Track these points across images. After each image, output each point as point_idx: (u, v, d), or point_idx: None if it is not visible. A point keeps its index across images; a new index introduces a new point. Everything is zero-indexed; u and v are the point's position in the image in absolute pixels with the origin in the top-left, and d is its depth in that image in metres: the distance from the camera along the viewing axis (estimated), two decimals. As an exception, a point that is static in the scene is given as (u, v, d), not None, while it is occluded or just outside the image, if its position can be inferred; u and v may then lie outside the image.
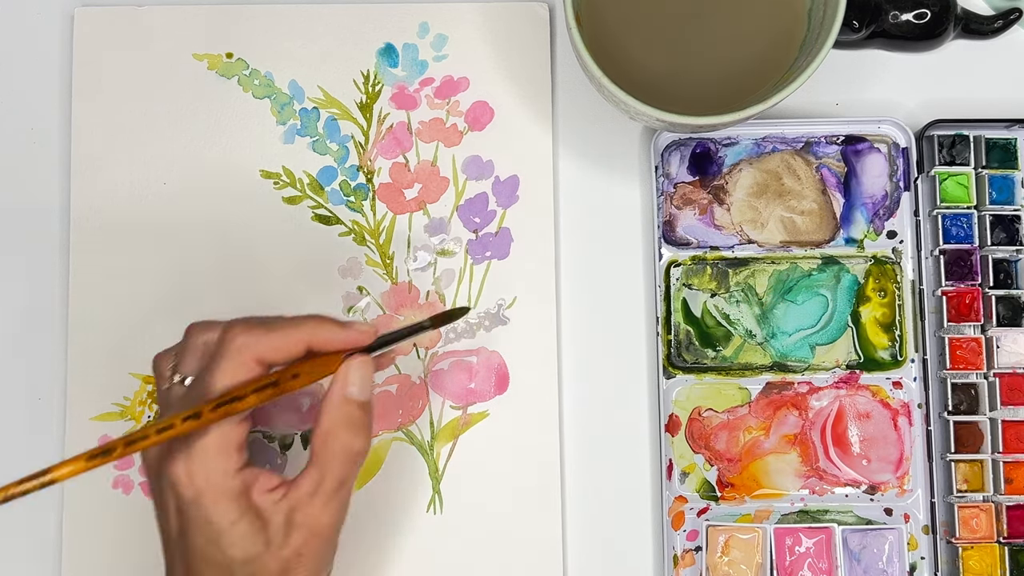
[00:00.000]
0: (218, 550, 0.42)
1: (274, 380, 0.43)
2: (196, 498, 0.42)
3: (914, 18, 0.56)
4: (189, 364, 0.45)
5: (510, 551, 0.54)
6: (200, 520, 0.42)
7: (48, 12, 0.58)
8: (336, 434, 0.44)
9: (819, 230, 0.56)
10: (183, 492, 0.42)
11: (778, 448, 0.55)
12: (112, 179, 0.56)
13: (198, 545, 0.42)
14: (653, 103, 0.48)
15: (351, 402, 0.44)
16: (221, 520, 0.42)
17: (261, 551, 0.42)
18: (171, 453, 0.43)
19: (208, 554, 0.42)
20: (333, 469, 0.43)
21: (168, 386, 0.46)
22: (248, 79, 0.57)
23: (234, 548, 0.42)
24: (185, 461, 0.42)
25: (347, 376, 0.44)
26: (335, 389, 0.44)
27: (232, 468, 0.42)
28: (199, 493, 0.42)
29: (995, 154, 0.56)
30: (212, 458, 0.42)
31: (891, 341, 0.56)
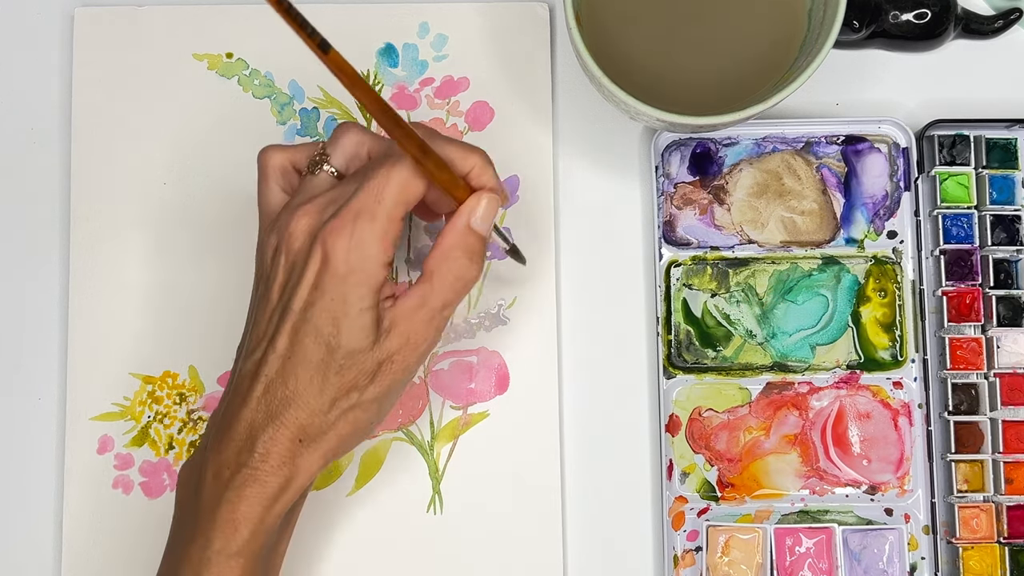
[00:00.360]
0: (336, 332, 0.44)
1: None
2: (346, 275, 0.43)
3: (914, 18, 0.56)
4: (338, 158, 0.47)
5: (510, 551, 0.54)
6: (336, 298, 0.44)
7: (48, 12, 0.58)
8: (454, 257, 0.45)
9: (819, 230, 0.56)
10: (336, 265, 0.43)
11: (778, 448, 0.55)
12: (112, 179, 0.56)
13: (318, 321, 0.44)
14: (653, 103, 0.48)
15: (473, 232, 0.45)
16: (355, 304, 0.44)
17: (366, 347, 0.44)
18: (335, 227, 0.43)
19: (324, 334, 0.44)
20: (442, 289, 0.45)
21: (311, 173, 0.47)
22: (248, 79, 0.57)
23: (350, 335, 0.44)
24: (349, 239, 0.43)
25: (476, 206, 0.45)
26: (462, 216, 0.45)
27: (384, 260, 0.44)
28: (350, 271, 0.43)
29: (995, 154, 0.56)
30: (373, 243, 0.43)
31: (891, 341, 0.56)
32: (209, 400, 0.55)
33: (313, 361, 0.44)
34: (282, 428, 0.44)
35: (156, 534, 0.54)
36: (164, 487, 0.55)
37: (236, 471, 0.44)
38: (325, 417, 0.45)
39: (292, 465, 0.45)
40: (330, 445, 0.45)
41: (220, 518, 0.44)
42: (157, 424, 0.55)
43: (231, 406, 0.45)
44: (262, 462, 0.44)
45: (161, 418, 0.55)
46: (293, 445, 0.44)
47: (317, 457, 0.45)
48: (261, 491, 0.44)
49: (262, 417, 0.44)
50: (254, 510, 0.44)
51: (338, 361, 0.44)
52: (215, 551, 0.44)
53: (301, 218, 0.45)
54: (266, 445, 0.44)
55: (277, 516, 0.45)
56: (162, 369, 0.56)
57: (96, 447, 0.55)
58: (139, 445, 0.55)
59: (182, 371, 0.56)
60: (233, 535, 0.44)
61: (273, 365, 0.44)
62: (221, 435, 0.45)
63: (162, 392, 0.55)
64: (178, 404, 0.55)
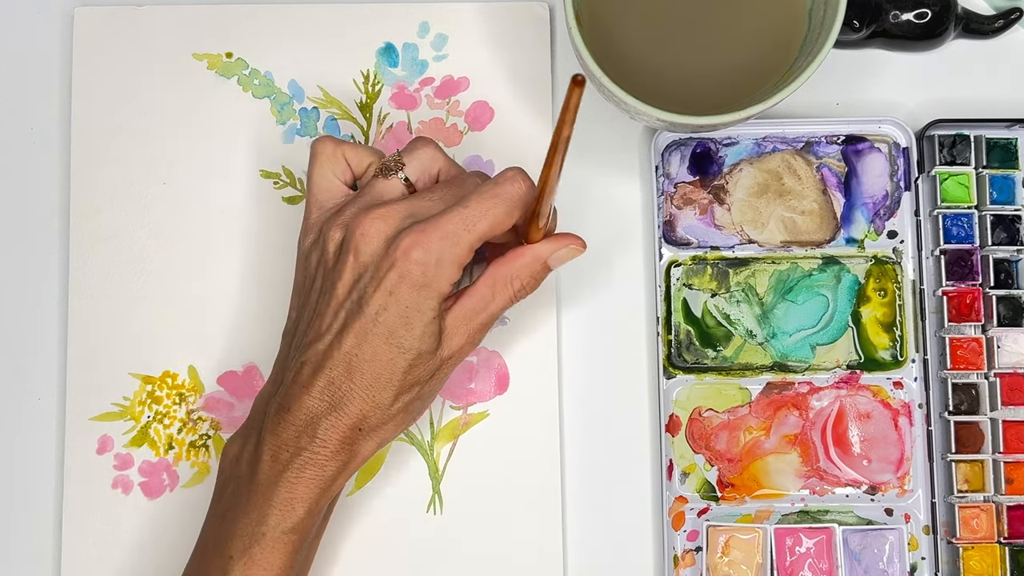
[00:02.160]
0: (407, 335, 0.46)
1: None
2: (422, 287, 0.45)
3: (915, 18, 0.56)
4: (414, 169, 0.49)
5: (510, 551, 0.54)
6: (412, 306, 0.46)
7: (48, 12, 0.58)
8: (520, 278, 0.48)
9: (819, 230, 0.56)
10: (413, 279, 0.45)
11: (778, 448, 0.55)
12: (112, 179, 0.56)
13: (392, 327, 0.46)
14: (653, 103, 0.48)
15: (544, 264, 0.48)
16: (427, 312, 0.46)
17: (432, 350, 0.47)
18: (421, 242, 0.45)
19: (396, 336, 0.46)
20: (501, 301, 0.48)
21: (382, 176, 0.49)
22: (248, 79, 0.57)
23: (422, 341, 0.46)
24: (430, 256, 0.45)
25: (560, 248, 0.49)
26: (545, 249, 0.48)
27: (454, 279, 0.46)
28: (427, 284, 0.45)
29: (995, 154, 0.56)
30: (452, 265, 0.46)
31: (892, 341, 0.56)
32: (209, 400, 0.55)
33: (382, 360, 0.46)
34: (344, 418, 0.46)
35: (156, 534, 0.54)
36: (164, 487, 0.55)
37: (296, 454, 0.46)
38: (388, 410, 0.47)
39: (350, 451, 0.47)
40: (386, 434, 0.48)
41: (278, 497, 0.46)
42: (157, 424, 0.55)
43: (290, 391, 0.47)
44: (322, 447, 0.46)
45: (161, 418, 0.55)
46: (353, 433, 0.46)
47: (374, 443, 0.47)
48: (320, 474, 0.46)
49: (324, 407, 0.46)
50: (311, 491, 0.46)
51: (407, 361, 0.46)
52: (270, 527, 0.46)
53: (376, 221, 0.46)
54: (327, 432, 0.46)
55: (330, 498, 0.47)
56: (162, 369, 0.56)
57: (96, 447, 0.55)
58: (139, 445, 0.55)
59: (182, 371, 0.56)
60: (290, 513, 0.46)
61: (339, 360, 0.46)
62: (279, 418, 0.46)
63: (162, 392, 0.55)
64: (178, 404, 0.55)
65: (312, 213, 0.50)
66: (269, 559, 0.46)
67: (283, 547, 0.46)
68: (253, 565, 0.45)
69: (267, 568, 0.46)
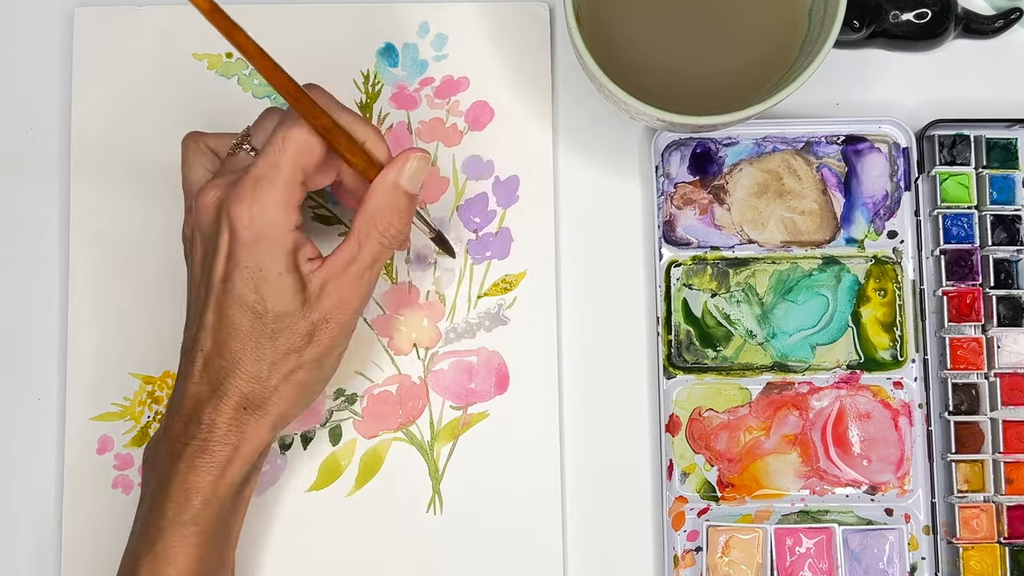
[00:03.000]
0: (259, 298, 0.45)
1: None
2: (254, 242, 0.44)
3: (914, 18, 0.56)
4: (259, 139, 0.48)
5: (510, 551, 0.54)
6: (251, 265, 0.45)
7: (48, 12, 0.58)
8: (381, 215, 0.46)
9: (819, 230, 0.56)
10: (242, 233, 0.44)
11: (779, 448, 0.55)
12: (112, 179, 0.56)
13: (240, 291, 0.45)
14: (653, 103, 0.48)
15: (399, 189, 0.46)
16: (271, 268, 0.45)
17: (295, 309, 0.45)
18: (237, 196, 0.44)
19: (247, 301, 0.45)
20: (370, 246, 0.46)
21: (232, 153, 0.48)
22: (248, 79, 0.57)
23: (274, 300, 0.45)
24: (250, 205, 0.44)
25: (404, 164, 0.46)
26: (390, 172, 0.46)
27: (291, 223, 0.45)
28: (257, 238, 0.44)
29: (996, 154, 0.56)
30: (275, 208, 0.44)
31: (892, 341, 0.56)
32: (209, 400, 0.55)
33: (243, 329, 0.45)
34: (225, 398, 0.46)
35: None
36: (164, 487, 0.55)
37: (186, 444, 0.46)
38: (266, 383, 0.46)
39: (239, 433, 0.46)
40: (277, 410, 0.47)
41: (172, 489, 0.45)
42: (157, 424, 0.55)
43: (177, 384, 0.47)
44: (209, 433, 0.45)
45: (161, 418, 0.55)
46: (238, 413, 0.46)
47: (265, 423, 0.46)
48: (210, 460, 0.45)
49: (206, 390, 0.46)
50: (204, 479, 0.45)
51: (269, 326, 0.45)
52: (168, 520, 0.45)
53: (208, 192, 0.46)
54: (211, 416, 0.45)
55: (229, 485, 0.46)
56: (162, 369, 0.56)
57: (96, 447, 0.55)
58: (139, 445, 0.55)
59: (182, 371, 0.56)
60: (185, 504, 0.45)
61: (206, 339, 0.46)
62: (172, 413, 0.47)
63: (162, 392, 0.55)
64: (178, 404, 0.55)
65: (186, 209, 0.49)
66: (171, 553, 0.45)
67: (184, 540, 0.45)
68: (157, 560, 0.45)
69: (170, 562, 0.45)
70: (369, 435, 0.55)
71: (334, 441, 0.55)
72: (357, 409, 0.55)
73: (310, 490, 0.55)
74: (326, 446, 0.55)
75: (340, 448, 0.55)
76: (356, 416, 0.55)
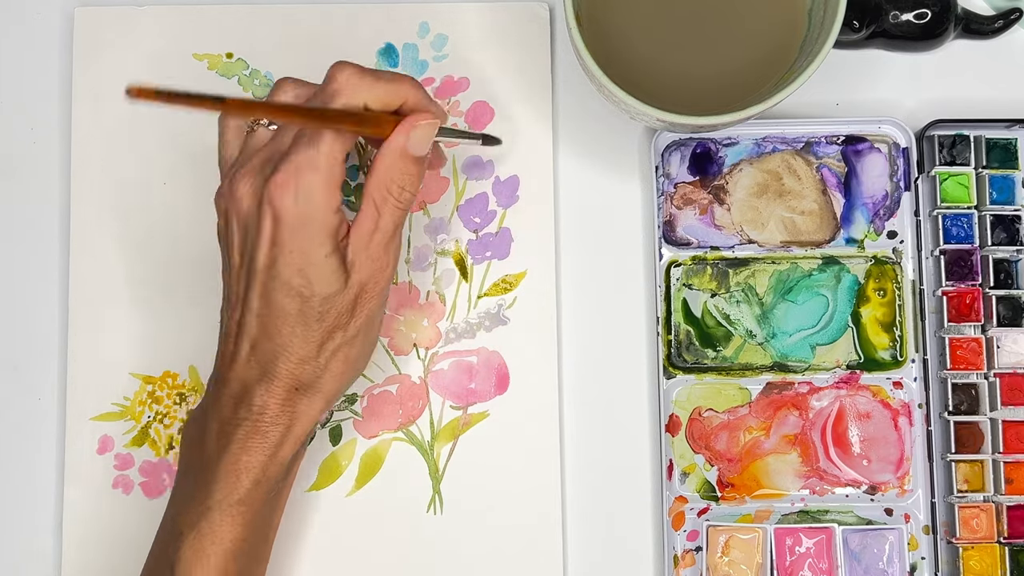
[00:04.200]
0: (305, 282, 0.45)
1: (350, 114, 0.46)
2: (299, 226, 0.44)
3: (914, 18, 0.56)
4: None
5: (510, 551, 0.54)
6: (296, 250, 0.44)
7: (48, 12, 0.58)
8: (392, 181, 0.46)
9: (819, 230, 0.56)
10: (287, 219, 0.44)
11: (778, 448, 0.55)
12: (112, 179, 0.56)
13: (286, 277, 0.45)
14: (653, 103, 0.48)
15: (407, 156, 0.46)
16: (317, 252, 0.44)
17: (340, 289, 0.45)
18: (280, 183, 0.44)
19: (294, 285, 0.45)
20: (388, 211, 0.46)
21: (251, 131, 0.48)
22: (248, 79, 0.57)
23: (320, 283, 0.45)
24: (295, 192, 0.44)
25: (408, 130, 0.46)
26: (395, 141, 0.46)
27: (334, 205, 0.45)
28: (303, 222, 0.44)
29: (995, 154, 0.56)
30: (319, 192, 0.44)
31: (891, 341, 0.56)
32: (209, 400, 0.55)
33: (291, 313, 0.45)
34: (276, 380, 0.46)
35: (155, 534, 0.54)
36: (164, 487, 0.55)
37: (237, 425, 0.45)
38: (316, 362, 0.46)
39: (291, 413, 0.46)
40: (328, 388, 0.47)
41: (222, 469, 0.45)
42: (157, 424, 0.55)
43: (223, 367, 0.47)
44: (260, 414, 0.45)
45: (161, 418, 0.55)
46: (290, 394, 0.46)
47: (317, 402, 0.47)
48: (263, 441, 0.46)
49: (255, 373, 0.46)
50: (256, 459, 0.45)
51: (316, 308, 0.45)
52: (216, 500, 0.45)
53: (242, 180, 0.46)
54: (263, 398, 0.45)
55: (280, 465, 0.46)
56: (162, 369, 0.56)
57: (96, 447, 0.55)
58: (139, 445, 0.55)
59: (182, 371, 0.56)
60: (235, 484, 0.45)
61: (253, 323, 0.46)
62: (218, 393, 0.46)
63: (162, 392, 0.55)
64: (178, 404, 0.55)
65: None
66: (218, 532, 0.45)
67: (231, 520, 0.45)
68: (201, 539, 0.45)
69: (216, 542, 0.45)
70: (369, 435, 0.55)
71: (334, 441, 0.55)
72: (357, 409, 0.56)
73: (310, 490, 0.55)
74: (326, 446, 0.55)
75: (340, 448, 0.55)
76: (356, 416, 0.55)
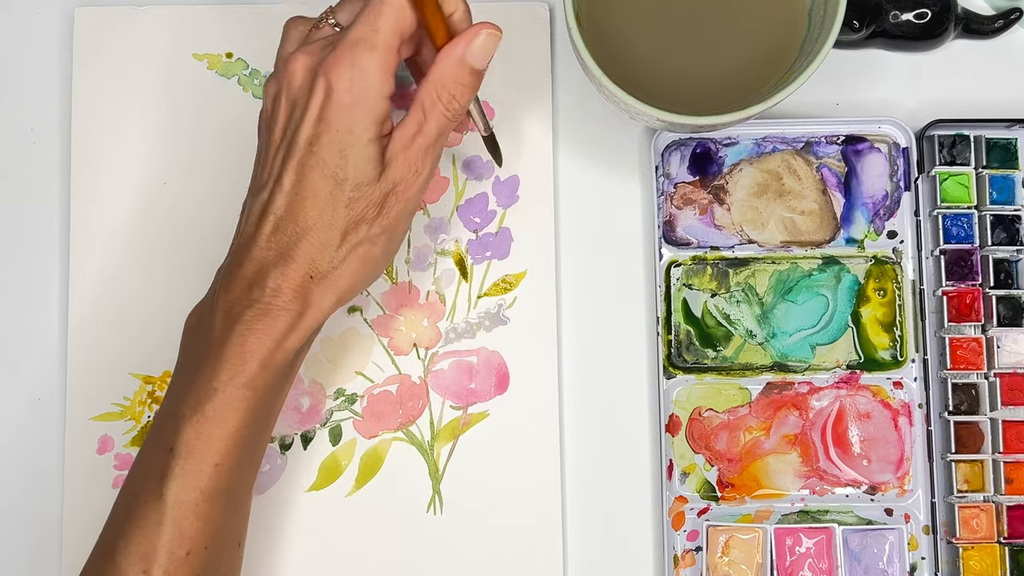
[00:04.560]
0: (343, 163, 0.45)
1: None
2: (350, 104, 0.44)
3: (914, 18, 0.56)
4: (343, 15, 0.48)
5: (510, 551, 0.54)
6: (342, 128, 0.44)
7: (48, 12, 0.58)
8: (444, 87, 0.46)
9: (819, 230, 0.56)
10: (340, 96, 0.44)
11: (778, 448, 0.55)
12: (112, 179, 0.57)
13: (325, 155, 0.45)
14: (653, 103, 0.48)
15: (464, 64, 0.46)
16: (361, 134, 0.44)
17: (373, 179, 0.45)
18: (336, 58, 0.44)
19: (331, 165, 0.45)
20: (435, 117, 0.46)
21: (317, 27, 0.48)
22: (248, 79, 0.57)
23: (356, 167, 0.45)
24: (351, 68, 0.44)
25: (473, 39, 0.45)
26: (458, 45, 0.45)
27: (386, 91, 0.45)
28: (354, 101, 0.44)
29: (995, 154, 0.56)
30: (374, 72, 0.44)
31: (891, 341, 0.56)
32: (209, 400, 0.55)
33: (322, 195, 0.45)
34: (293, 264, 0.45)
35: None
36: (164, 487, 0.55)
37: (247, 307, 0.45)
38: (336, 252, 0.46)
39: (304, 300, 0.45)
40: (343, 283, 0.46)
41: (229, 351, 0.45)
42: (157, 424, 0.55)
43: (240, 249, 0.46)
44: (274, 297, 0.45)
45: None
46: (305, 281, 0.45)
47: (330, 295, 0.46)
48: (272, 325, 0.45)
49: (273, 255, 0.45)
50: (264, 344, 0.45)
51: (347, 194, 0.45)
52: (222, 382, 0.44)
53: (298, 58, 0.46)
54: (277, 281, 0.45)
55: (287, 353, 0.46)
56: (162, 369, 0.56)
57: (96, 447, 0.55)
58: (139, 445, 0.55)
59: (182, 371, 0.56)
60: (241, 367, 0.45)
61: (281, 203, 0.45)
62: (230, 275, 0.46)
63: (162, 392, 0.55)
64: (178, 404, 0.55)
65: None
66: (222, 415, 0.44)
67: (236, 403, 0.44)
68: (205, 422, 0.44)
69: (219, 425, 0.44)
70: (369, 435, 0.55)
71: (334, 441, 0.55)
72: (357, 409, 0.56)
73: (310, 490, 0.55)
74: (326, 446, 0.55)
75: (340, 448, 0.55)
76: (356, 416, 0.55)
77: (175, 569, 0.44)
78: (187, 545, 0.44)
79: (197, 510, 0.44)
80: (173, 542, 0.44)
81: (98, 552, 0.45)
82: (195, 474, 0.44)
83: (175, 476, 0.44)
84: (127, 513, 0.45)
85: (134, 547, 0.44)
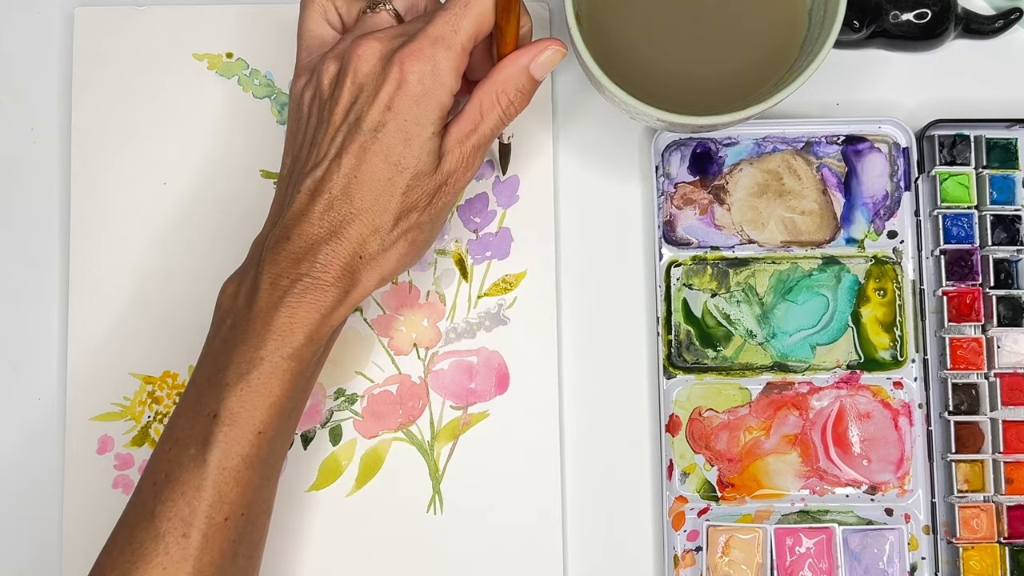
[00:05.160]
0: (406, 153, 0.46)
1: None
2: (421, 97, 0.45)
3: (914, 18, 0.56)
4: (400, 2, 0.49)
5: (510, 551, 0.54)
6: (410, 119, 0.46)
7: (48, 12, 0.58)
8: (505, 91, 0.47)
9: (819, 230, 0.56)
10: (412, 87, 0.45)
11: (778, 448, 0.55)
12: (112, 179, 0.57)
13: (390, 142, 0.46)
14: (653, 103, 0.48)
15: (527, 73, 0.47)
16: (426, 127, 0.46)
17: (431, 171, 0.47)
18: (415, 51, 0.45)
19: (394, 153, 0.46)
20: (491, 117, 0.47)
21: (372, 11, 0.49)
22: (248, 79, 0.57)
23: (417, 158, 0.46)
24: (429, 62, 0.45)
25: (541, 52, 0.47)
26: (525, 55, 0.47)
27: (455, 89, 0.46)
28: (425, 93, 0.45)
29: (996, 154, 0.56)
30: (448, 70, 0.46)
31: (892, 341, 0.56)
32: (209, 400, 0.55)
33: (381, 180, 0.46)
34: (344, 242, 0.46)
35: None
36: (164, 487, 0.55)
37: (296, 280, 0.46)
38: (387, 235, 0.47)
39: (351, 279, 0.46)
40: (389, 265, 0.47)
41: (277, 322, 0.45)
42: (157, 424, 0.55)
43: (288, 221, 0.46)
44: (323, 272, 0.46)
45: (161, 418, 0.55)
46: (353, 260, 0.46)
47: (375, 275, 0.47)
48: (320, 299, 0.46)
49: (324, 232, 0.46)
50: (312, 317, 0.46)
51: (406, 182, 0.46)
52: (269, 351, 0.45)
53: (370, 42, 0.46)
54: (328, 257, 0.46)
55: (329, 328, 0.47)
56: (162, 369, 0.56)
57: (96, 447, 0.55)
58: (139, 445, 0.55)
59: (182, 371, 0.56)
60: (289, 338, 0.45)
61: (338, 183, 0.46)
62: (278, 248, 0.46)
63: (162, 392, 0.55)
64: (178, 404, 0.55)
65: (303, 58, 0.50)
66: (267, 385, 0.45)
67: (281, 374, 0.45)
68: (250, 391, 0.45)
69: (264, 394, 0.45)
70: (369, 435, 0.55)
71: (334, 441, 0.55)
72: (357, 409, 0.56)
73: (310, 490, 0.55)
74: (326, 446, 0.55)
75: (340, 448, 0.55)
76: (356, 416, 0.55)
77: (213, 533, 0.44)
78: (226, 510, 0.44)
79: (238, 476, 0.45)
80: (213, 507, 0.44)
81: (132, 516, 0.46)
82: (238, 440, 0.44)
83: (219, 442, 0.44)
84: (166, 477, 0.45)
85: (175, 510, 0.44)
